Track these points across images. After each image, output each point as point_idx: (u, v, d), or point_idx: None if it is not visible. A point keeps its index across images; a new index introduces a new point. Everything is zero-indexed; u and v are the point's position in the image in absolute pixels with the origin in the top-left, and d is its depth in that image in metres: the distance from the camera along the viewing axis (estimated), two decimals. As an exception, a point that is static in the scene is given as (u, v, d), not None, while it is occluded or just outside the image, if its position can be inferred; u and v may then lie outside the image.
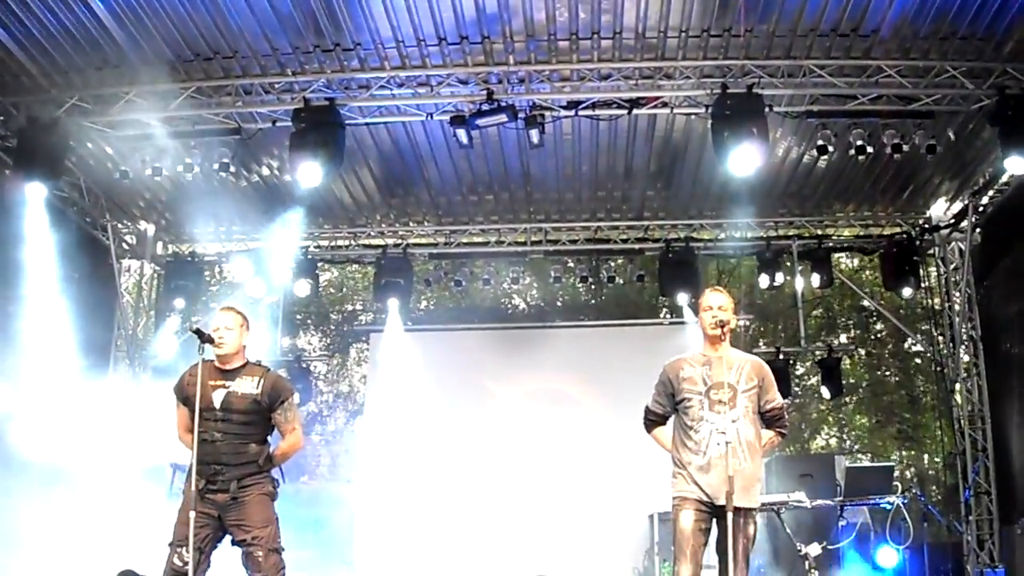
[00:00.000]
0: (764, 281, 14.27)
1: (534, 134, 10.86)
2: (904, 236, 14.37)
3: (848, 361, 17.97)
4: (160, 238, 14.83)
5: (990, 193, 13.16)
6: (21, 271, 11.15)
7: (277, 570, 6.24)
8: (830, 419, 20.73)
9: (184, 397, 6.41)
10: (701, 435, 6.07)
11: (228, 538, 6.34)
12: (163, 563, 6.16)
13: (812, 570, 8.62)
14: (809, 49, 10.38)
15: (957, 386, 14.09)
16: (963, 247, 13.85)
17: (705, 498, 5.98)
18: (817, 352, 16.05)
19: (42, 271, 11.31)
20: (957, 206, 13.83)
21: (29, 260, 11.21)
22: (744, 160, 10.10)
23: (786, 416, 6.46)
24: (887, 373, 20.19)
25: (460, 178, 13.36)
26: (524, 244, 14.89)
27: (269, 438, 6.54)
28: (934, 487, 18.49)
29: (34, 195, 10.78)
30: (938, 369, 14.98)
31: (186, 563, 5.94)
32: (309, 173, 10.41)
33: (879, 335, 20.11)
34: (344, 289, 20.75)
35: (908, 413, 19.60)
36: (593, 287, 17.34)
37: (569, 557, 13.28)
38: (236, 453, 6.27)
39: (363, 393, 16.46)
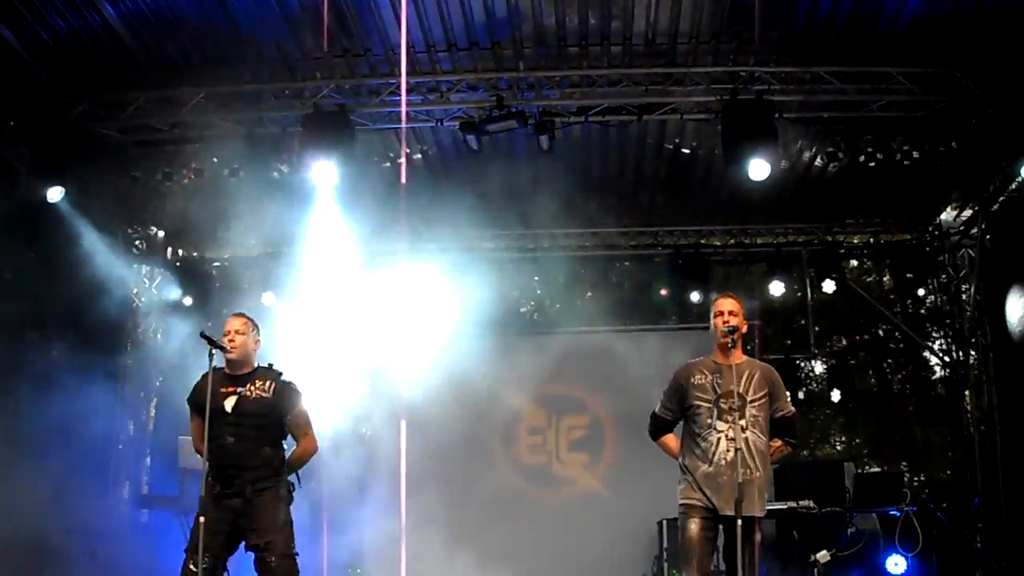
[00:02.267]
0: (774, 287, 14.25)
1: (544, 140, 10.87)
2: (914, 242, 14.37)
3: (857, 367, 17.94)
4: (171, 243, 14.84)
5: (1000, 199, 13.11)
6: (34, 278, 11.16)
7: (290, 575, 6.25)
8: (839, 425, 20.68)
9: (197, 406, 6.41)
10: (709, 443, 6.08)
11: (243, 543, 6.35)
12: (175, 570, 6.18)
13: (821, 577, 8.63)
14: (819, 56, 10.37)
15: (967, 392, 14.07)
16: (973, 253, 13.83)
17: (711, 506, 5.99)
18: (826, 358, 16.04)
19: (54, 277, 11.32)
20: (967, 212, 13.80)
21: (42, 266, 11.21)
22: (754, 166, 10.10)
23: (797, 426, 6.46)
24: (897, 379, 20.14)
25: (470, 184, 13.35)
26: (534, 250, 14.90)
27: (284, 442, 6.56)
28: (944, 494, 18.43)
29: (49, 200, 10.80)
30: (948, 375, 14.96)
31: (202, 569, 5.95)
32: (326, 174, 10.48)
33: (889, 341, 20.06)
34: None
35: (918, 419, 19.53)
36: (602, 293, 17.31)
37: (577, 564, 13.26)
38: (250, 456, 6.28)
39: (371, 397, 16.41)
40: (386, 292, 13.86)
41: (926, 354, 18.42)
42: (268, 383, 6.46)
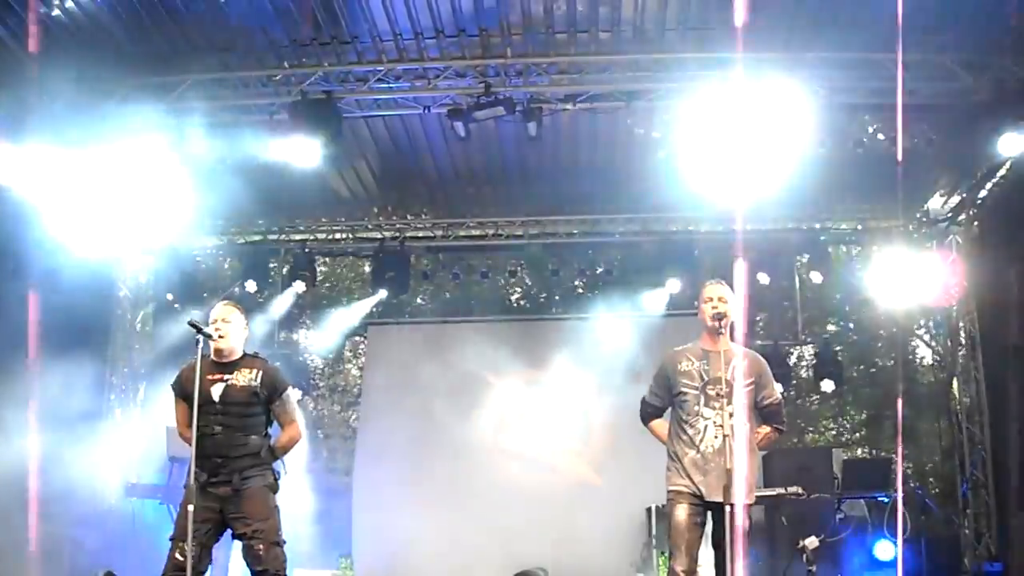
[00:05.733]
0: (762, 273, 14.25)
1: (532, 127, 10.85)
2: (902, 229, 14.37)
3: (846, 354, 17.95)
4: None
5: (988, 186, 13.13)
6: (17, 264, 11.09)
7: (278, 563, 6.25)
8: (827, 412, 20.69)
9: (183, 393, 6.40)
10: (697, 429, 6.09)
11: (229, 531, 6.35)
12: (163, 558, 6.17)
13: (810, 563, 8.63)
14: (808, 42, 10.35)
15: (955, 379, 14.10)
16: (961, 240, 13.85)
17: (699, 492, 6.00)
18: (814, 344, 16.05)
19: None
20: (955, 199, 13.81)
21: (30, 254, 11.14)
22: (743, 153, 10.08)
23: (783, 412, 6.47)
24: (885, 366, 20.16)
25: (458, 171, 13.35)
26: (522, 237, 14.89)
27: (269, 430, 6.55)
28: (932, 480, 18.48)
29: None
30: (936, 362, 14.98)
31: (187, 558, 5.93)
32: (305, 153, 10.45)
33: (876, 328, 20.09)
34: (341, 282, 20.69)
35: (906, 406, 19.56)
36: (590, 280, 17.30)
37: (567, 550, 13.26)
38: (237, 445, 6.28)
39: (359, 386, 16.43)
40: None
41: (914, 341, 18.46)
42: (255, 370, 6.45)
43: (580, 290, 18.71)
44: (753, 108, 9.95)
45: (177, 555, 6.03)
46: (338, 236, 15.11)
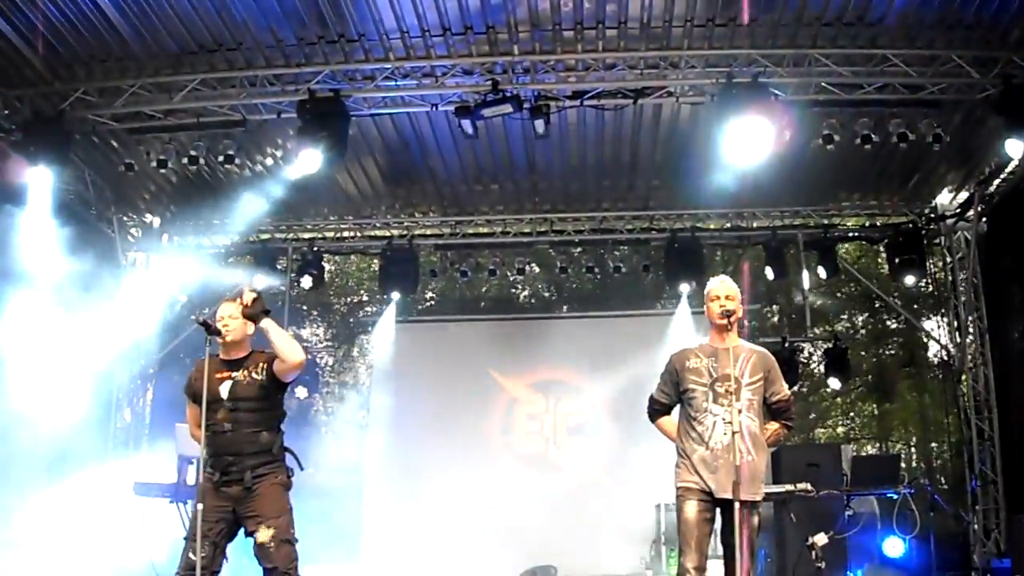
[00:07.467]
0: (770, 270, 14.24)
1: (539, 124, 10.84)
2: (910, 225, 14.34)
3: (854, 350, 17.95)
4: (166, 230, 14.82)
5: (996, 182, 13.11)
6: (26, 265, 11.11)
7: (289, 561, 6.20)
8: (836, 408, 20.70)
9: (193, 393, 6.39)
10: (705, 426, 6.06)
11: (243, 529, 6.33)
12: (178, 557, 6.16)
13: (819, 560, 8.62)
14: (815, 38, 10.34)
15: (963, 375, 14.08)
16: (969, 236, 13.83)
17: (708, 488, 5.98)
18: (823, 341, 16.05)
19: (48, 264, 11.27)
20: (963, 195, 13.80)
21: (34, 254, 11.16)
22: (750, 149, 10.07)
23: (793, 409, 6.44)
24: (894, 361, 20.16)
25: (465, 169, 13.35)
26: (530, 234, 14.90)
27: (282, 427, 6.54)
28: (941, 477, 18.46)
29: (39, 187, 10.75)
30: (945, 358, 14.96)
31: (201, 557, 5.92)
32: (309, 160, 10.41)
33: (885, 324, 20.08)
34: (349, 280, 20.73)
35: (915, 402, 19.56)
36: (599, 277, 17.30)
37: (576, 547, 13.29)
38: (248, 443, 6.24)
39: (369, 384, 16.44)
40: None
41: (923, 336, 18.45)
42: (261, 365, 6.43)
43: (588, 287, 18.74)
44: (759, 105, 9.97)
45: (190, 555, 6.00)
46: (346, 234, 15.14)
